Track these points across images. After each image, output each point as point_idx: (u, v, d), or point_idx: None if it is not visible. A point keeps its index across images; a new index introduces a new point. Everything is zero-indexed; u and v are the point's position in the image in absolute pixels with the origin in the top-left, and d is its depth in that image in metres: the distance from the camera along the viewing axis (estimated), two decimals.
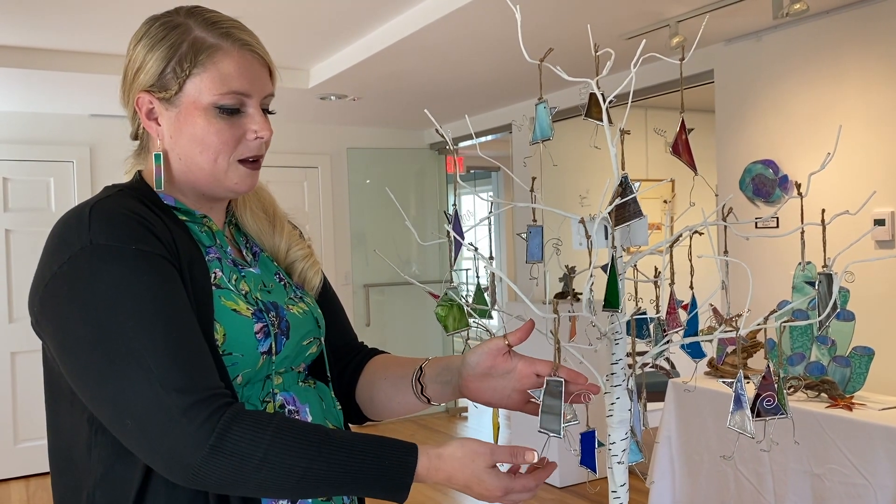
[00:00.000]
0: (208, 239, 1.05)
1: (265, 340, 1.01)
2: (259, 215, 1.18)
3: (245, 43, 1.04)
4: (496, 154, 6.79)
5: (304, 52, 4.05)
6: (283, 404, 1.05)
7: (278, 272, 1.15)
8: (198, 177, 1.04)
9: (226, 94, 1.01)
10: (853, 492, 2.39)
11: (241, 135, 1.04)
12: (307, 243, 1.22)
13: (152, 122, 1.03)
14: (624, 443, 0.93)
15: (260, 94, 1.05)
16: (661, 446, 3.13)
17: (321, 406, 1.12)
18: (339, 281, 6.02)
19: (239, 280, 1.04)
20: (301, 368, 1.13)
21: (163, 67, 1.01)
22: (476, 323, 1.04)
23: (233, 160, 1.04)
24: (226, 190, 1.06)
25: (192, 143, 1.02)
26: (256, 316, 1.01)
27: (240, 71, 1.02)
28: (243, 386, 1.01)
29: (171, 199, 1.05)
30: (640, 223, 0.88)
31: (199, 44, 1.01)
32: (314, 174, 5.94)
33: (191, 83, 1.00)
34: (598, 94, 0.90)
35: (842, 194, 3.12)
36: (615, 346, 0.93)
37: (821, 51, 3.31)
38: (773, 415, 0.86)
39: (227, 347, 0.98)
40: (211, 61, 1.00)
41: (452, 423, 6.11)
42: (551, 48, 0.96)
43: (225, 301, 0.99)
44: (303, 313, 1.11)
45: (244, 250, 1.13)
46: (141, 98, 1.03)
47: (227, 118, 1.02)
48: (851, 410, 2.50)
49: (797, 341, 2.76)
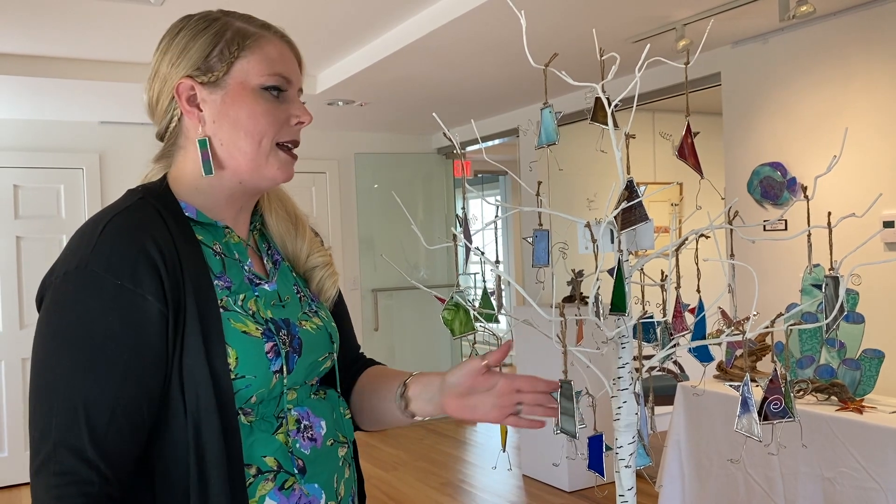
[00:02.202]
0: (218, 266, 1.04)
1: (276, 360, 1.01)
2: (282, 216, 1.19)
3: (283, 35, 1.10)
4: (503, 158, 6.80)
5: (311, 58, 4.07)
6: (298, 419, 1.06)
7: (296, 283, 1.15)
8: (239, 162, 1.04)
9: (273, 75, 1.04)
10: (864, 495, 2.38)
11: (285, 119, 1.06)
12: (328, 251, 1.22)
13: (193, 108, 1.03)
14: (631, 446, 0.93)
15: (297, 83, 1.09)
16: (671, 450, 3.12)
17: (333, 418, 1.13)
18: (348, 286, 6.03)
19: (248, 299, 1.04)
20: (314, 381, 1.14)
21: (208, 52, 1.02)
22: (482, 327, 1.05)
23: (274, 144, 1.05)
24: (265, 178, 1.06)
25: (236, 127, 1.03)
26: (266, 335, 1.01)
27: (282, 57, 1.07)
28: (258, 404, 1.02)
29: (192, 211, 1.05)
30: (645, 227, 0.88)
31: (244, 31, 1.05)
32: (322, 179, 5.96)
33: (238, 65, 1.03)
34: (603, 98, 0.90)
35: (850, 197, 3.11)
36: (622, 350, 0.93)
37: (828, 53, 3.30)
38: (781, 418, 0.86)
39: (240, 370, 0.98)
40: (257, 45, 1.05)
41: (461, 427, 6.10)
42: (556, 53, 0.97)
43: (234, 323, 0.99)
44: (316, 329, 1.12)
45: (265, 258, 1.13)
46: (182, 84, 1.03)
47: (273, 100, 1.05)
48: (862, 413, 2.48)
49: (806, 344, 2.75)
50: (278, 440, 1.02)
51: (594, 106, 0.92)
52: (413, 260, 6.36)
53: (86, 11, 3.05)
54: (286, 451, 1.02)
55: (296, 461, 1.03)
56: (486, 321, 1.04)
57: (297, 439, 1.05)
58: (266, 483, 1.00)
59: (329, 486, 1.08)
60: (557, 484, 4.43)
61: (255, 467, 0.99)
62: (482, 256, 1.00)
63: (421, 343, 6.31)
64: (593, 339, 0.99)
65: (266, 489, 1.00)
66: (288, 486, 1.02)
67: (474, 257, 1.01)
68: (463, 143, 5.75)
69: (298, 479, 1.03)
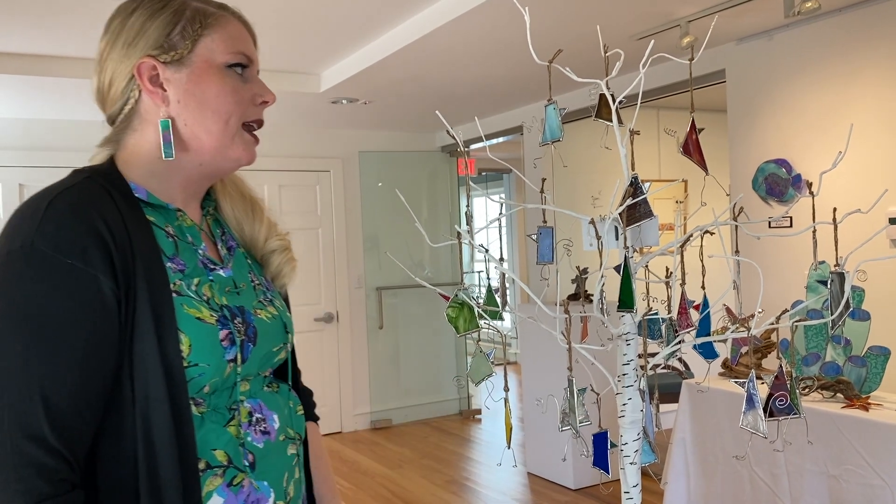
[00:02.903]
0: (170, 248, 1.00)
1: (231, 348, 0.98)
2: (238, 200, 1.16)
3: (240, 16, 1.08)
4: (508, 156, 6.80)
5: (315, 57, 4.07)
6: (251, 412, 1.03)
7: (252, 270, 1.13)
8: (203, 143, 1.01)
9: (236, 52, 1.03)
10: (870, 493, 2.37)
11: (250, 98, 1.05)
12: (286, 236, 1.19)
13: (156, 89, 1.00)
14: (636, 444, 0.93)
15: (257, 63, 1.08)
16: (676, 447, 3.11)
17: (285, 412, 1.10)
18: (352, 284, 6.04)
19: (202, 284, 1.00)
20: (268, 373, 1.11)
21: (169, 30, 1.00)
22: (487, 324, 1.05)
23: (240, 123, 1.04)
24: (228, 160, 1.04)
25: (203, 106, 1.01)
26: (221, 322, 0.98)
27: (242, 36, 1.06)
28: (210, 395, 0.98)
29: (143, 192, 1.01)
30: (650, 224, 0.88)
31: (203, 10, 1.03)
32: (326, 178, 5.96)
33: (202, 43, 1.01)
34: (607, 94, 0.90)
35: (856, 193, 3.10)
36: (626, 347, 0.93)
37: (833, 49, 3.29)
38: (786, 415, 0.86)
39: (194, 358, 0.94)
40: (219, 24, 1.03)
41: (466, 425, 6.11)
42: (560, 49, 0.97)
43: (188, 309, 0.96)
44: (271, 318, 1.09)
45: (220, 244, 1.10)
46: (144, 63, 0.99)
47: (238, 78, 1.04)
48: (868, 411, 2.48)
49: (812, 341, 2.74)
50: (229, 433, 0.99)
51: (598, 103, 0.91)
52: (417, 258, 6.36)
53: (93, 10, 3.06)
54: (237, 444, 0.99)
55: (246, 455, 1.00)
56: (490, 319, 1.04)
57: (248, 432, 1.01)
58: (215, 478, 0.96)
59: (278, 485, 1.05)
60: (562, 481, 4.43)
61: (203, 461, 0.95)
62: (486, 254, 1.00)
63: (425, 341, 6.31)
64: (598, 335, 0.99)
65: (214, 485, 0.96)
66: (237, 483, 0.98)
67: (479, 255, 1.00)
68: (467, 140, 5.71)
69: (248, 474, 1.00)
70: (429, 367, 6.34)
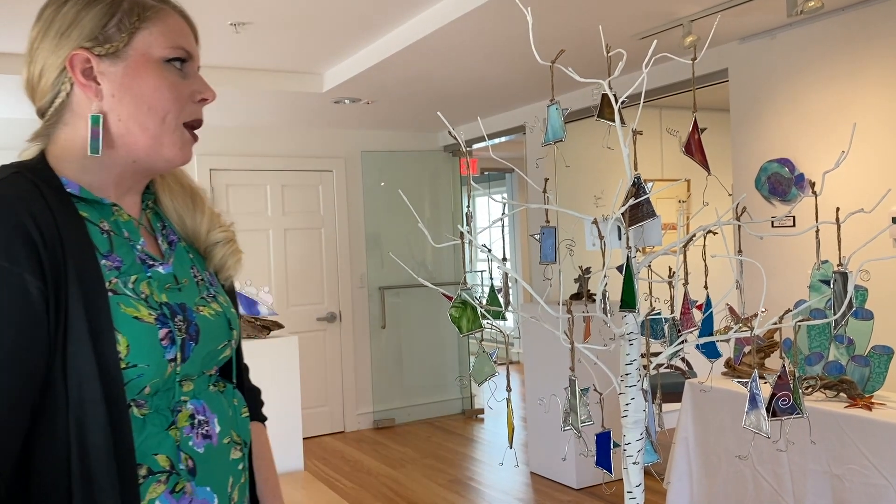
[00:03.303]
0: (105, 245, 0.95)
1: (171, 347, 0.95)
2: (178, 192, 1.11)
3: (181, 10, 1.04)
4: (510, 155, 6.79)
5: (317, 57, 4.07)
6: (193, 413, 0.99)
7: (194, 265, 1.09)
8: (137, 140, 0.98)
9: (176, 47, 1.00)
10: (873, 492, 2.37)
11: (189, 94, 1.01)
12: (230, 227, 1.15)
13: (90, 82, 0.96)
14: (639, 443, 0.93)
15: (198, 59, 1.05)
16: (679, 447, 3.11)
17: (229, 414, 1.06)
18: (355, 283, 6.04)
19: (139, 282, 0.96)
20: (213, 372, 1.07)
21: (105, 22, 0.96)
22: (489, 324, 1.05)
23: (179, 121, 1.00)
24: (163, 159, 1.00)
25: (139, 101, 0.97)
26: (160, 321, 0.94)
27: (182, 31, 1.02)
28: (152, 396, 0.94)
29: (75, 187, 0.96)
30: (653, 224, 0.88)
31: (142, 3, 0.99)
32: (329, 178, 5.97)
33: (140, 36, 0.97)
34: (610, 94, 0.90)
35: (859, 193, 3.09)
36: (629, 347, 0.93)
37: (836, 48, 3.28)
38: (789, 414, 0.86)
39: (132, 359, 0.90)
40: (158, 17, 0.99)
41: (469, 424, 6.11)
42: (563, 49, 0.97)
43: (125, 308, 0.92)
44: (214, 315, 1.05)
45: (160, 239, 1.06)
46: (77, 55, 0.95)
47: (178, 73, 1.00)
48: (871, 410, 2.47)
49: (815, 341, 2.74)
50: (171, 437, 0.95)
51: (601, 102, 0.92)
52: (420, 257, 6.37)
53: None
54: (178, 449, 0.96)
55: (186, 461, 0.96)
56: (493, 318, 1.04)
57: (190, 436, 0.98)
58: (158, 485, 0.93)
59: (222, 490, 1.01)
60: (565, 481, 4.43)
61: (145, 467, 0.92)
62: (489, 254, 1.00)
63: (428, 340, 6.31)
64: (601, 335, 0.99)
65: (157, 492, 0.92)
66: (179, 489, 0.95)
67: (481, 255, 1.00)
68: (469, 140, 5.75)
69: (189, 480, 0.96)
70: (432, 366, 6.35)
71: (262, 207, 5.69)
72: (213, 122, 5.40)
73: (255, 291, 3.39)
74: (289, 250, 5.79)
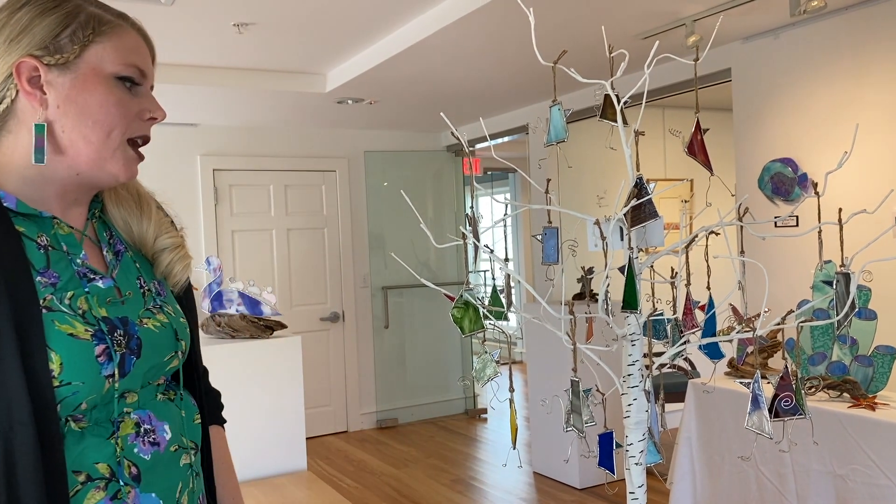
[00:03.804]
0: (41, 261, 0.94)
1: (108, 364, 0.93)
2: (124, 196, 1.10)
3: (140, 28, 1.04)
4: (513, 155, 6.79)
5: (320, 57, 4.08)
6: (137, 423, 0.98)
7: (141, 276, 1.07)
8: (80, 153, 0.96)
9: (129, 65, 0.99)
10: (877, 492, 2.37)
11: (137, 112, 1.00)
12: (180, 233, 1.14)
13: (35, 90, 0.94)
14: (641, 444, 0.93)
15: (151, 78, 1.04)
16: (682, 447, 3.11)
17: (180, 422, 1.05)
18: (358, 283, 6.05)
19: (76, 297, 0.94)
20: (161, 381, 1.06)
21: (58, 32, 0.95)
22: (492, 325, 1.05)
23: (124, 138, 0.99)
24: (106, 175, 0.99)
25: (84, 114, 0.96)
26: (97, 337, 0.93)
27: (138, 50, 1.01)
28: (90, 410, 0.93)
29: (11, 201, 0.94)
30: (655, 224, 0.88)
31: (100, 17, 0.98)
32: (332, 178, 5.97)
33: (92, 50, 0.96)
34: (612, 95, 0.90)
35: (862, 193, 3.09)
36: (631, 348, 0.93)
37: (839, 48, 3.28)
38: (792, 415, 0.86)
39: (66, 377, 0.89)
40: (114, 33, 0.99)
41: (472, 424, 6.11)
42: (565, 50, 0.97)
43: (59, 325, 0.90)
44: (159, 327, 1.03)
45: (105, 249, 1.04)
46: (24, 63, 0.94)
47: (126, 91, 0.99)
48: (874, 410, 2.47)
49: (818, 341, 2.73)
50: (112, 445, 0.94)
51: (603, 103, 0.92)
52: (423, 257, 6.37)
53: None
54: (121, 456, 0.95)
55: (129, 468, 0.95)
56: (495, 319, 1.04)
57: (135, 444, 0.97)
58: (96, 491, 0.91)
59: (169, 497, 1.00)
60: (568, 481, 4.43)
61: (84, 474, 0.91)
62: (491, 254, 1.00)
63: (431, 340, 6.32)
64: (603, 336, 0.99)
65: (96, 498, 0.91)
66: (120, 496, 0.93)
67: (484, 255, 1.01)
68: (472, 140, 5.75)
69: (134, 486, 0.95)
70: (435, 366, 6.35)
71: (266, 207, 5.70)
72: (216, 123, 5.41)
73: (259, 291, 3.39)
74: (292, 250, 5.80)
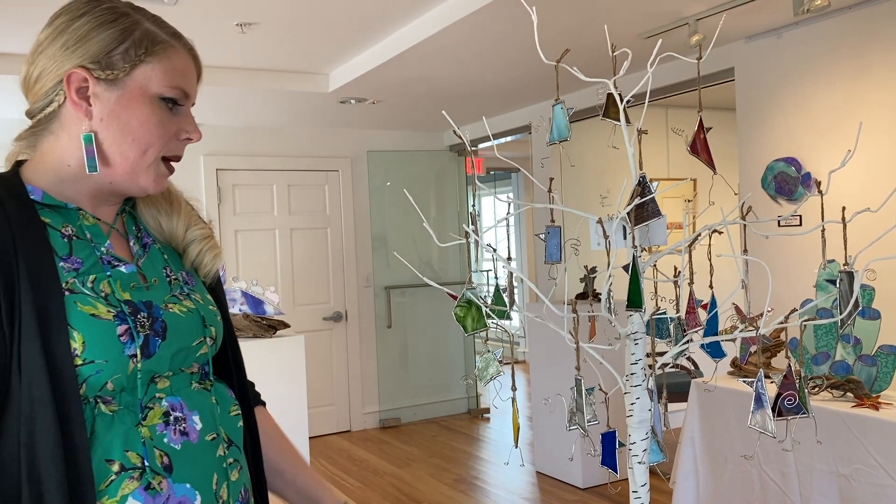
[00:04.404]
0: (64, 248, 0.98)
1: (131, 343, 0.95)
2: (154, 196, 1.12)
3: (191, 49, 1.06)
4: (515, 155, 6.79)
5: (323, 57, 4.08)
6: (168, 411, 0.99)
7: (168, 266, 1.10)
8: (116, 166, 1.00)
9: (174, 87, 1.01)
10: (881, 492, 2.36)
11: (175, 132, 1.03)
12: (208, 226, 1.17)
13: (82, 101, 0.98)
14: (644, 443, 0.93)
15: (193, 98, 1.07)
16: (685, 446, 3.11)
17: (214, 412, 1.06)
18: (361, 283, 6.05)
19: (99, 281, 0.98)
20: (195, 369, 1.07)
21: (112, 48, 0.97)
22: (495, 324, 1.05)
23: (159, 156, 1.02)
24: (137, 187, 1.03)
25: (124, 131, 0.99)
26: (119, 318, 0.95)
27: (186, 71, 1.04)
28: (118, 392, 0.95)
29: (38, 193, 0.99)
30: (658, 223, 0.88)
31: (154, 36, 1.01)
32: (335, 177, 5.97)
33: (141, 69, 0.99)
34: (615, 94, 0.90)
35: (865, 192, 3.08)
36: (634, 346, 0.93)
37: (843, 47, 3.27)
38: (795, 414, 0.86)
39: (89, 355, 0.92)
40: (165, 54, 1.01)
41: (474, 423, 6.11)
42: (568, 49, 0.97)
43: (81, 306, 0.93)
44: (186, 312, 1.06)
45: (133, 241, 1.08)
46: (75, 73, 0.97)
47: (168, 112, 1.02)
48: (878, 410, 2.47)
49: (822, 340, 2.73)
50: (141, 433, 0.96)
51: (606, 102, 0.92)
52: (426, 257, 6.37)
53: None
54: (151, 445, 0.96)
55: (160, 457, 0.96)
56: (498, 318, 1.04)
57: (165, 433, 0.98)
58: (130, 482, 0.93)
59: (205, 488, 1.01)
60: (571, 480, 4.43)
61: (117, 463, 0.93)
62: (494, 253, 1.00)
63: (434, 340, 6.32)
64: (606, 335, 0.99)
65: (130, 488, 0.93)
66: (153, 486, 0.95)
67: (487, 254, 1.00)
68: (475, 140, 5.75)
69: (165, 476, 0.96)
70: (437, 365, 6.35)
71: (269, 207, 5.70)
72: (219, 123, 5.41)
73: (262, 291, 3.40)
74: (295, 250, 5.81)
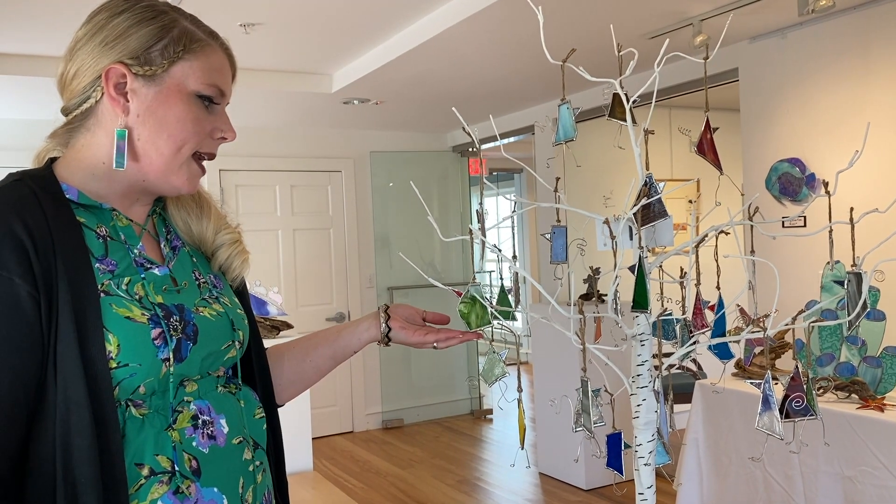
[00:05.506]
0: (100, 249, 0.97)
1: (164, 347, 0.95)
2: (184, 198, 1.13)
3: (227, 48, 1.07)
4: (518, 156, 6.78)
5: (326, 57, 4.08)
6: (196, 414, 0.99)
7: (197, 269, 1.11)
8: (151, 162, 1.00)
9: (211, 85, 1.02)
10: (886, 494, 2.35)
11: (210, 131, 1.04)
12: (237, 229, 1.17)
13: (119, 97, 0.98)
14: (650, 444, 0.93)
15: (229, 96, 1.08)
16: (689, 448, 3.10)
17: (240, 415, 1.07)
18: (364, 284, 6.05)
19: (133, 283, 0.98)
20: (221, 373, 1.08)
21: (150, 44, 0.98)
22: (499, 324, 1.04)
23: (192, 153, 1.03)
24: (169, 186, 1.03)
25: (161, 127, 0.99)
26: (153, 321, 0.95)
27: (222, 70, 1.05)
28: (149, 396, 0.96)
29: (73, 193, 0.99)
30: (664, 223, 0.88)
31: (192, 34, 1.02)
32: (338, 178, 5.97)
33: (179, 66, 0.99)
34: (621, 94, 0.90)
35: (872, 192, 3.07)
36: (641, 348, 0.93)
37: (847, 47, 3.26)
38: (802, 416, 0.85)
39: (123, 358, 0.92)
40: (203, 52, 1.02)
41: (477, 424, 6.10)
42: (574, 49, 0.96)
43: (116, 308, 0.93)
44: (216, 316, 1.06)
45: (163, 243, 1.08)
46: (114, 69, 0.97)
47: (204, 109, 1.02)
48: (883, 411, 2.46)
49: (826, 342, 2.72)
50: (171, 437, 0.96)
51: (612, 102, 0.91)
52: (428, 258, 6.37)
53: None
54: (180, 449, 0.96)
55: (189, 461, 0.97)
56: (503, 318, 1.04)
57: (194, 436, 0.98)
58: (160, 486, 0.93)
59: (231, 491, 1.01)
60: (575, 482, 4.42)
61: (147, 467, 0.93)
62: (499, 253, 1.00)
63: None
64: (612, 336, 0.99)
65: (159, 492, 0.93)
66: (182, 490, 0.95)
67: (490, 254, 1.00)
68: (479, 140, 5.74)
69: (194, 480, 0.96)
70: (440, 366, 6.34)
71: (272, 208, 5.70)
72: None
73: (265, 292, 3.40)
74: (298, 250, 5.81)
